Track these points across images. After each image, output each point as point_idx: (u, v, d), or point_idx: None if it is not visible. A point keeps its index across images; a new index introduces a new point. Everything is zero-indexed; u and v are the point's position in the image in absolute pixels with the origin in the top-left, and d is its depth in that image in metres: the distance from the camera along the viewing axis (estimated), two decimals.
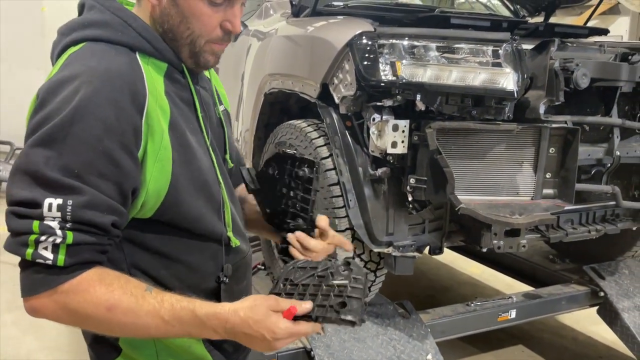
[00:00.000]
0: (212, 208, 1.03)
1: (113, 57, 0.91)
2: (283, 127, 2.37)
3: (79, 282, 0.85)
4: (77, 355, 2.83)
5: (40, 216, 0.83)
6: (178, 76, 1.01)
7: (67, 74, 0.88)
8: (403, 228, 2.05)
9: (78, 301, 0.85)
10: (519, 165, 1.90)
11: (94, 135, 0.84)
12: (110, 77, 0.88)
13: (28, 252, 0.83)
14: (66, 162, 0.83)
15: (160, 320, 0.87)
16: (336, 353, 2.05)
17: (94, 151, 0.84)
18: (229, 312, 0.89)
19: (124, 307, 0.86)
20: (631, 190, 2.28)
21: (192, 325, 0.89)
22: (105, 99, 0.86)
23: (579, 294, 2.59)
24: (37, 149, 0.84)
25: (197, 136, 1.01)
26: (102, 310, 0.86)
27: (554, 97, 1.82)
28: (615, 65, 2.03)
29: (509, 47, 1.80)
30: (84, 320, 0.88)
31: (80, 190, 0.83)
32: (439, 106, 1.81)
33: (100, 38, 0.94)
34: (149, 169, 0.91)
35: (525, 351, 3.01)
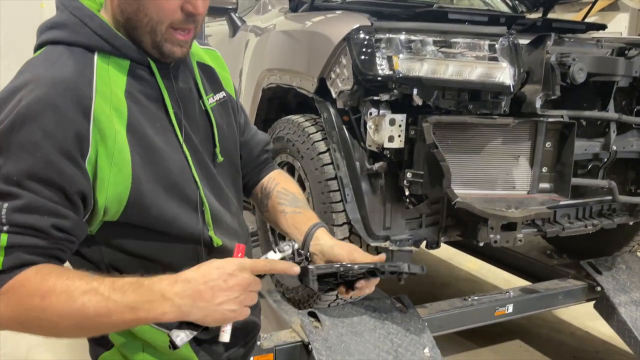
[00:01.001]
0: (188, 208, 0.99)
1: (63, 62, 0.90)
2: (281, 122, 2.38)
3: (13, 282, 0.83)
4: (76, 350, 2.84)
5: None
6: (143, 72, 0.97)
7: (16, 83, 0.89)
8: (400, 222, 2.06)
9: (16, 298, 0.83)
10: (515, 159, 1.90)
11: (32, 142, 0.84)
12: (53, 83, 0.87)
13: None
14: (7, 170, 0.83)
15: (97, 296, 0.82)
16: (334, 346, 2.06)
17: (33, 158, 0.84)
18: (185, 271, 0.87)
19: (58, 290, 0.83)
20: (627, 185, 2.29)
21: (135, 294, 0.83)
22: (45, 105, 0.85)
23: (576, 289, 2.60)
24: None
25: (166, 135, 0.97)
26: (37, 300, 0.82)
27: (550, 91, 1.82)
28: (611, 60, 2.04)
29: (505, 41, 1.80)
30: (25, 319, 0.84)
31: (17, 195, 0.83)
32: (436, 100, 1.82)
33: (58, 40, 0.93)
34: (104, 173, 0.89)
35: (522, 346, 3.02)
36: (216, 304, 0.85)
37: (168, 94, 0.99)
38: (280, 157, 2.39)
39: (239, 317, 0.88)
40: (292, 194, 1.24)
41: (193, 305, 0.84)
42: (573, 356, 2.94)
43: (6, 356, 2.80)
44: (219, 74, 1.17)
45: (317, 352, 2.02)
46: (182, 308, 0.84)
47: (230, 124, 1.15)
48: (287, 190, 1.24)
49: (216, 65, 1.18)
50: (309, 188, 2.20)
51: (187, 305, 0.84)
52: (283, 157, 2.37)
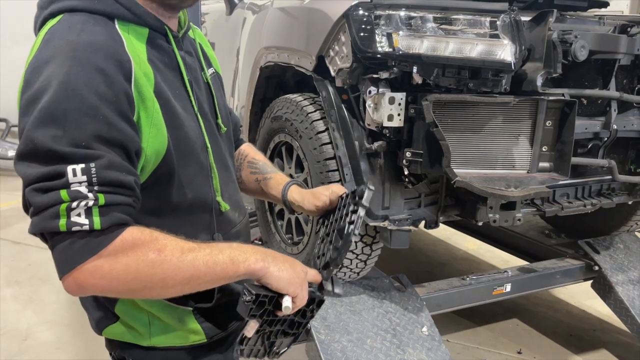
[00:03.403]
0: (201, 174, 1.03)
1: (92, 28, 0.90)
2: (279, 101, 2.36)
3: (122, 240, 0.84)
4: (77, 328, 2.86)
5: (67, 184, 0.81)
6: (161, 41, 1.00)
7: (48, 52, 0.88)
8: (399, 202, 2.05)
9: (126, 259, 0.84)
10: (515, 138, 1.89)
11: (90, 105, 0.84)
12: (93, 48, 0.87)
13: (61, 223, 0.81)
14: (73, 136, 0.82)
15: (202, 252, 0.89)
16: (332, 325, 2.07)
17: (95, 120, 0.84)
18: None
19: (171, 247, 0.87)
20: (627, 164, 2.28)
21: (231, 249, 0.92)
22: (92, 70, 0.85)
23: (574, 268, 2.61)
24: (40, 130, 0.82)
25: (183, 102, 1.00)
26: (153, 255, 0.85)
27: (551, 69, 1.80)
28: (614, 38, 2.01)
29: (507, 18, 1.77)
30: (136, 277, 0.85)
31: (97, 155, 0.83)
32: (436, 78, 1.80)
33: (77, 8, 0.92)
34: (144, 134, 0.91)
35: (519, 325, 3.05)
36: (288, 266, 0.96)
37: (182, 62, 1.03)
38: (279, 136, 2.38)
39: (299, 291, 0.97)
40: (262, 161, 1.34)
41: (273, 262, 0.94)
42: (570, 334, 2.97)
43: (6, 335, 2.82)
44: (207, 52, 1.21)
45: (315, 331, 2.03)
46: (267, 260, 0.94)
47: (222, 98, 1.20)
48: (256, 159, 1.34)
49: (204, 43, 1.22)
50: (308, 168, 2.19)
51: (270, 259, 0.94)
52: (281, 136, 2.36)
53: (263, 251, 0.96)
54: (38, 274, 3.48)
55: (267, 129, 2.45)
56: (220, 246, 0.93)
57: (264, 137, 2.48)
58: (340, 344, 2.02)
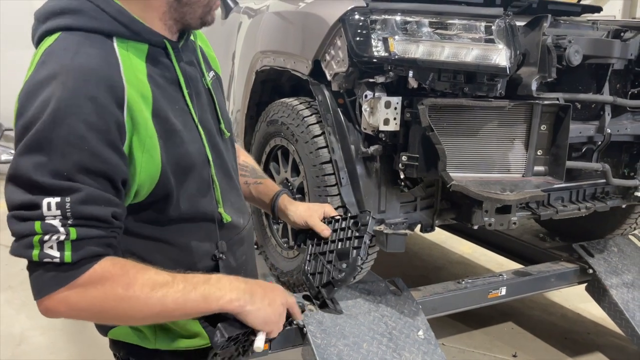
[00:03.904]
0: (203, 187, 1.03)
1: (87, 50, 0.89)
2: (275, 105, 2.36)
3: (91, 274, 0.86)
4: (71, 333, 2.84)
5: (41, 216, 0.84)
6: (160, 56, 0.98)
7: (42, 76, 0.87)
8: (395, 205, 2.06)
9: (94, 291, 0.87)
10: (510, 142, 1.90)
11: (77, 135, 0.84)
12: (85, 74, 0.86)
13: (34, 253, 0.85)
14: (55, 166, 0.84)
15: (174, 288, 0.90)
16: (328, 329, 2.07)
17: (81, 151, 0.85)
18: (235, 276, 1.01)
19: (140, 282, 0.88)
20: (621, 168, 2.29)
21: (206, 285, 0.93)
22: (83, 98, 0.85)
23: (568, 271, 2.62)
24: (25, 157, 0.84)
25: (184, 117, 1.00)
26: (121, 291, 0.87)
27: (546, 73, 1.81)
28: (607, 42, 2.03)
29: (501, 22, 1.78)
30: (102, 309, 0.89)
31: (75, 188, 0.84)
32: (432, 83, 1.81)
33: (73, 26, 0.91)
34: (137, 160, 0.91)
35: (514, 328, 3.06)
36: (267, 304, 0.98)
37: (182, 75, 1.01)
38: (274, 140, 2.38)
39: (274, 328, 1.00)
40: (251, 165, 1.35)
41: (251, 300, 0.96)
42: (564, 337, 2.98)
43: (0, 340, 2.80)
44: (206, 53, 1.20)
45: (312, 335, 2.03)
46: (244, 298, 0.96)
47: (222, 101, 1.19)
48: (246, 162, 1.35)
49: (204, 43, 1.20)
50: (304, 172, 2.19)
51: (247, 297, 0.96)
52: (277, 140, 2.36)
53: (242, 288, 0.96)
54: None
55: (262, 132, 2.45)
56: (196, 281, 0.93)
57: (260, 141, 2.48)
58: (336, 348, 2.02)
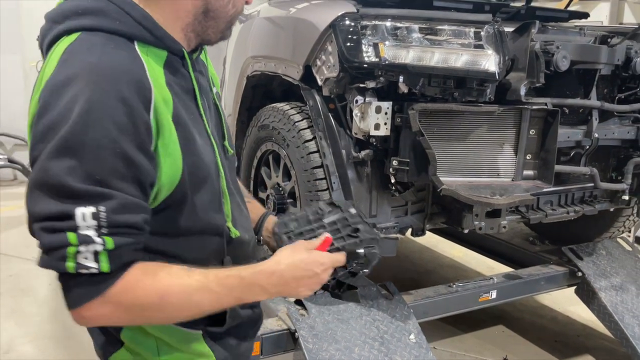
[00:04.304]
0: (214, 200, 1.01)
1: (113, 51, 0.86)
2: (266, 110, 2.36)
3: (126, 281, 0.85)
4: (59, 341, 2.81)
5: (75, 227, 0.80)
6: (178, 64, 0.96)
7: (67, 73, 0.83)
8: (386, 210, 2.07)
9: (130, 299, 0.86)
10: (500, 146, 1.92)
11: (110, 138, 0.81)
12: (114, 74, 0.83)
13: (69, 265, 0.81)
14: (88, 170, 0.80)
15: (209, 293, 0.90)
16: (320, 334, 2.07)
17: (113, 155, 0.82)
18: (272, 264, 0.95)
19: (175, 290, 0.88)
20: (609, 172, 2.32)
21: (240, 289, 0.93)
22: (114, 99, 0.82)
23: (558, 274, 2.64)
24: (55, 161, 0.80)
25: (198, 127, 0.97)
26: (155, 299, 0.87)
27: (534, 78, 1.83)
28: (594, 48, 2.06)
29: (490, 28, 1.81)
30: (140, 315, 0.89)
31: (109, 195, 0.82)
32: (422, 88, 1.82)
33: (96, 27, 0.88)
34: (161, 164, 0.88)
35: (505, 331, 3.07)
36: (296, 291, 0.98)
37: (197, 86, 1.00)
38: (266, 145, 2.38)
39: (305, 296, 1.01)
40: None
41: (280, 292, 0.97)
42: (554, 340, 2.99)
43: None
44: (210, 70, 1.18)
45: (303, 340, 2.03)
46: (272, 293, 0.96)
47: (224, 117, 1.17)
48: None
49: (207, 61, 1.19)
50: (295, 176, 2.19)
51: (276, 292, 0.97)
52: (268, 145, 2.36)
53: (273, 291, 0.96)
54: (19, 285, 3.42)
55: (254, 137, 2.45)
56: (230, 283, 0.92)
57: (251, 145, 2.48)
58: (328, 352, 2.02)
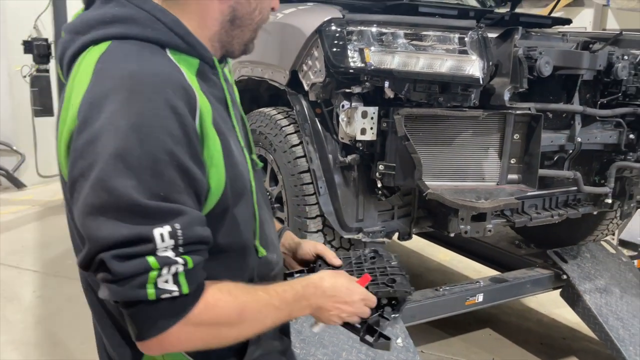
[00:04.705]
0: (246, 217, 0.95)
1: (151, 58, 0.81)
2: (253, 115, 2.37)
3: (206, 300, 0.81)
4: (44, 348, 2.78)
5: (153, 250, 0.74)
6: (209, 73, 0.92)
7: (106, 84, 0.77)
8: (373, 214, 2.07)
9: (211, 318, 0.83)
10: (484, 151, 1.94)
11: (166, 151, 0.76)
12: (159, 81, 0.78)
13: (150, 292, 0.75)
14: (152, 187, 0.75)
15: (273, 308, 0.90)
16: (308, 339, 2.07)
17: (172, 168, 0.76)
18: (316, 279, 0.97)
19: (250, 306, 0.87)
20: (592, 176, 2.35)
21: (294, 303, 0.93)
22: (164, 108, 0.76)
23: (543, 277, 2.66)
24: (117, 180, 0.73)
25: (233, 137, 0.92)
26: (234, 316, 0.85)
27: (518, 84, 1.86)
28: (576, 54, 2.09)
29: (474, 34, 1.83)
30: (217, 335, 0.86)
31: (178, 211, 0.76)
32: (407, 93, 1.84)
33: (127, 35, 0.83)
34: (207, 175, 0.84)
35: (492, 334, 3.09)
36: (328, 314, 0.98)
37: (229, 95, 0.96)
38: None
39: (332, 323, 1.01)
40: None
41: (316, 309, 0.97)
42: (540, 343, 3.02)
43: None
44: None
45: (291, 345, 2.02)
46: (313, 309, 0.97)
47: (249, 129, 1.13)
48: None
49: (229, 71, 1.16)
50: (282, 181, 2.19)
51: (315, 309, 0.97)
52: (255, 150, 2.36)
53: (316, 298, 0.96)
54: (3, 293, 3.37)
55: None
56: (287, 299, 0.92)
57: None
58: (316, 357, 2.02)
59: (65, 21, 5.13)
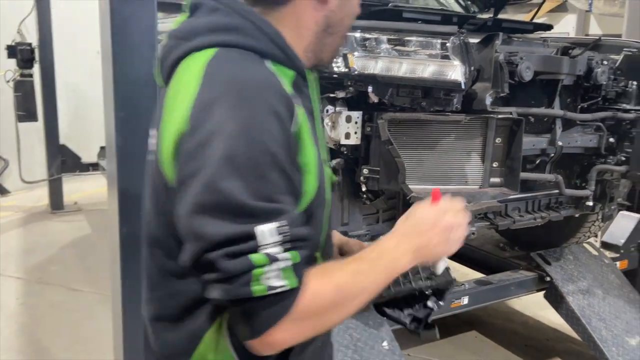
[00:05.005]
0: (320, 226, 0.97)
1: (254, 66, 0.85)
2: None
3: (311, 290, 0.82)
4: (27, 354, 2.75)
5: (259, 247, 0.77)
6: (302, 85, 0.95)
7: (216, 90, 0.81)
8: (357, 218, 2.09)
9: (317, 307, 0.83)
10: (467, 154, 1.96)
11: (271, 154, 0.79)
12: (263, 87, 0.82)
13: (256, 289, 0.77)
14: (258, 188, 0.78)
15: (366, 274, 0.88)
16: None
17: (275, 170, 0.80)
18: (399, 227, 0.94)
19: (345, 281, 0.86)
20: (573, 179, 2.39)
21: (385, 257, 0.90)
22: (269, 113, 0.80)
23: (527, 280, 2.69)
24: (225, 181, 0.77)
25: (319, 149, 0.95)
26: (339, 298, 0.85)
27: (499, 88, 1.88)
28: (556, 59, 2.13)
29: (456, 40, 1.85)
30: (325, 321, 0.87)
31: (281, 210, 0.79)
32: (391, 98, 1.85)
33: (232, 44, 0.86)
34: (303, 179, 0.87)
35: (478, 336, 3.12)
36: (436, 245, 0.93)
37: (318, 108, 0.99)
38: None
39: (449, 252, 0.97)
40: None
41: (422, 253, 0.92)
42: (525, 345, 3.05)
43: None
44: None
45: None
46: (413, 251, 0.91)
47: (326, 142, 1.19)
48: None
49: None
50: None
51: (417, 255, 0.92)
52: None
53: (412, 250, 0.92)
54: None
55: None
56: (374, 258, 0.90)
57: None
58: None
59: (49, 26, 5.10)
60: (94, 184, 5.75)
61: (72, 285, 3.61)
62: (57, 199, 5.35)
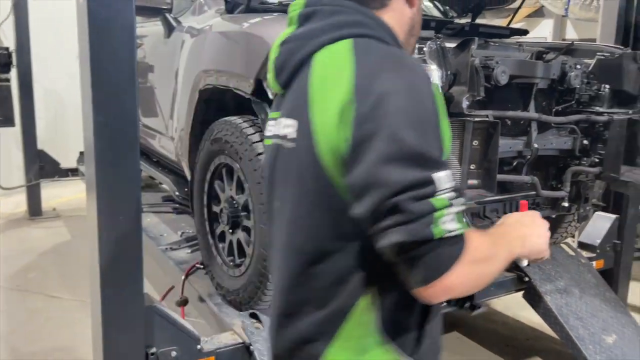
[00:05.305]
0: None
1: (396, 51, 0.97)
2: (219, 123, 2.37)
3: (473, 237, 0.88)
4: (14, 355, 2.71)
5: (435, 191, 0.84)
6: None
7: (375, 59, 0.90)
8: None
9: (481, 254, 0.89)
10: None
11: (435, 115, 0.89)
12: (416, 61, 0.99)
13: (437, 230, 0.83)
14: (431, 142, 0.86)
15: (500, 244, 0.96)
16: None
17: (437, 129, 0.88)
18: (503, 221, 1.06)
19: (492, 242, 0.94)
20: (549, 180, 2.43)
21: (507, 236, 1.00)
22: (427, 80, 0.91)
23: (506, 280, 2.72)
24: (408, 132, 0.84)
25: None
26: (492, 251, 0.92)
27: (475, 92, 1.91)
28: (531, 63, 2.17)
29: (433, 44, 1.88)
30: (484, 272, 0.91)
31: (446, 163, 0.89)
32: None
33: (363, 35, 0.96)
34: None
35: (460, 337, 3.15)
36: (535, 238, 1.03)
37: None
38: (219, 158, 2.38)
39: (545, 252, 1.06)
40: None
41: (525, 242, 1.01)
42: (506, 344, 3.09)
43: None
44: None
45: (259, 353, 2.02)
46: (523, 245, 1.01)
47: None
48: None
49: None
50: (248, 189, 2.20)
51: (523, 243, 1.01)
52: (221, 158, 2.36)
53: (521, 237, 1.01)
54: None
55: (207, 151, 2.45)
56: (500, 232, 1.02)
57: (204, 159, 2.48)
58: None
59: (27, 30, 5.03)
60: (73, 190, 5.68)
61: (51, 292, 3.56)
62: (35, 205, 5.28)
